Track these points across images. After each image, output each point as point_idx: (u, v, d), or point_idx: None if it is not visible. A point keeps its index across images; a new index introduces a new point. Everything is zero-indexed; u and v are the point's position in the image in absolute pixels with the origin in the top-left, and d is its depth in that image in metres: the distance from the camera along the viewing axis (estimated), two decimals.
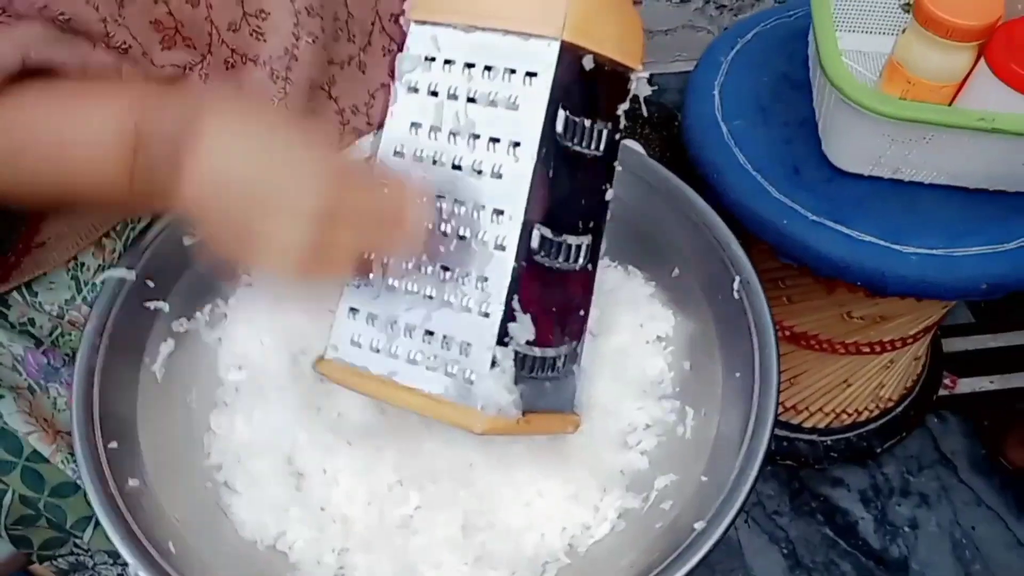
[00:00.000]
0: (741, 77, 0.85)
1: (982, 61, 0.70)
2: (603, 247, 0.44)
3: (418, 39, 0.42)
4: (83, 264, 0.55)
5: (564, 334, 0.43)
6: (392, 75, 0.43)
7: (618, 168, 0.44)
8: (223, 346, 0.52)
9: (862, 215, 0.75)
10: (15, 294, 0.55)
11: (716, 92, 0.84)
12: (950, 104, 0.73)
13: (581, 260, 0.43)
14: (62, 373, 0.57)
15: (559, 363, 0.42)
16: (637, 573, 0.38)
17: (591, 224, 0.43)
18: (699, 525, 0.37)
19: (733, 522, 0.37)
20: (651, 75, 0.45)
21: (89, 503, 0.55)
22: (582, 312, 0.44)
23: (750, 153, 0.80)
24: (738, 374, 0.44)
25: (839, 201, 0.76)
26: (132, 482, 0.44)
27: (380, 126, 0.44)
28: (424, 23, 0.42)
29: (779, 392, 0.41)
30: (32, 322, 0.56)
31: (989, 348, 1.15)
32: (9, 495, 0.53)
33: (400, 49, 0.43)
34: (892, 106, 0.69)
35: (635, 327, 0.49)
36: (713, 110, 0.83)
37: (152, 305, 0.51)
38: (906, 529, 1.02)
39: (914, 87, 0.73)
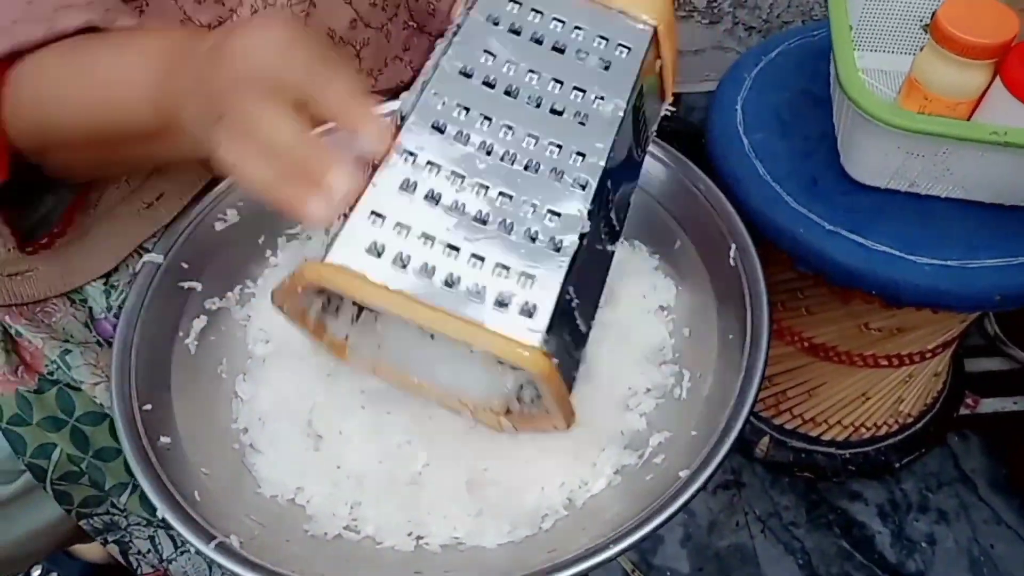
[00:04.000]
0: (763, 93, 0.88)
1: (998, 79, 0.72)
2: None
3: None
4: (115, 285, 0.60)
5: (591, 315, 0.41)
6: (406, 50, 0.45)
7: None
8: (251, 322, 0.56)
9: (878, 226, 0.77)
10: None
11: (739, 107, 0.87)
12: (968, 120, 0.75)
13: (616, 237, 0.43)
14: None
15: (585, 341, 0.40)
16: (627, 519, 0.40)
17: (628, 205, 0.44)
18: (684, 473, 0.40)
19: (716, 470, 0.40)
20: (680, 93, 0.49)
21: (128, 470, 0.60)
22: (598, 298, 0.43)
23: (770, 165, 0.82)
24: (731, 336, 0.46)
25: (856, 212, 0.78)
26: (164, 439, 0.48)
27: (387, 93, 0.44)
28: None
29: (768, 351, 0.43)
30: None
31: (1012, 369, 1.14)
32: (57, 452, 0.57)
33: (418, 27, 0.45)
34: (907, 119, 0.71)
35: (639, 298, 0.51)
36: (735, 123, 0.85)
37: (186, 285, 0.55)
38: (923, 545, 1.02)
39: (931, 103, 0.75)
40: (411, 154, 0.38)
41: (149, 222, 0.59)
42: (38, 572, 0.99)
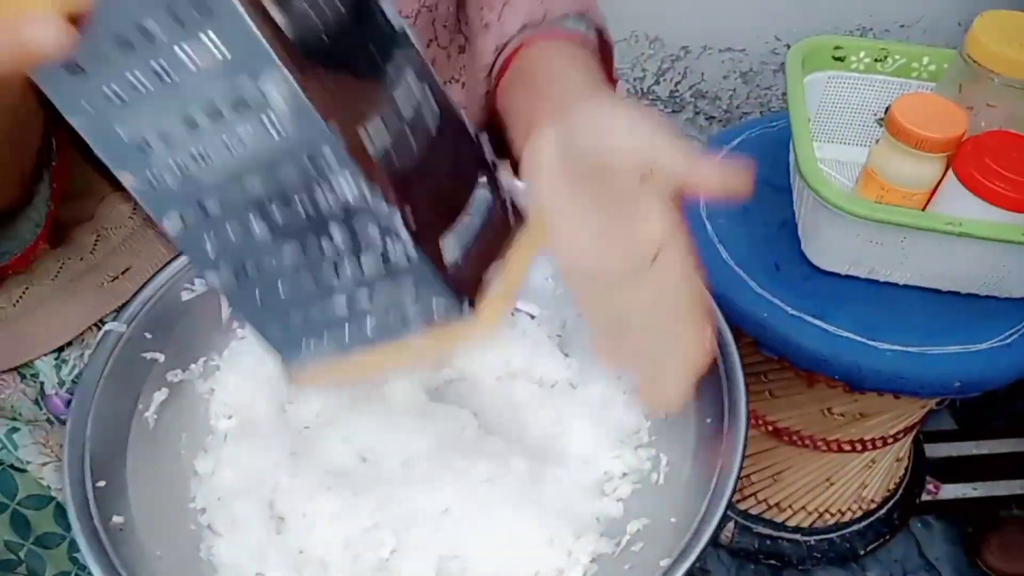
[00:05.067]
0: None
1: (951, 172, 0.75)
2: None
3: None
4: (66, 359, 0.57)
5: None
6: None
7: None
8: (215, 396, 0.54)
9: (840, 311, 0.79)
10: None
11: None
12: (923, 209, 0.78)
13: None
14: None
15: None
16: None
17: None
18: (664, 563, 0.39)
19: (697, 560, 0.38)
20: None
21: (71, 557, 0.56)
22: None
23: (733, 250, 0.84)
24: (709, 420, 0.46)
25: (818, 297, 0.80)
26: (116, 519, 0.45)
27: None
28: None
29: (747, 437, 0.43)
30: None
31: (972, 455, 1.16)
32: None
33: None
34: (866, 208, 0.74)
35: (614, 379, 0.51)
36: (699, 208, 0.87)
37: (148, 355, 0.53)
38: None
39: (888, 193, 0.78)
40: None
41: (112, 296, 0.58)
42: None
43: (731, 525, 1.05)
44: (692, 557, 0.38)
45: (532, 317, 0.56)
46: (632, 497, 0.47)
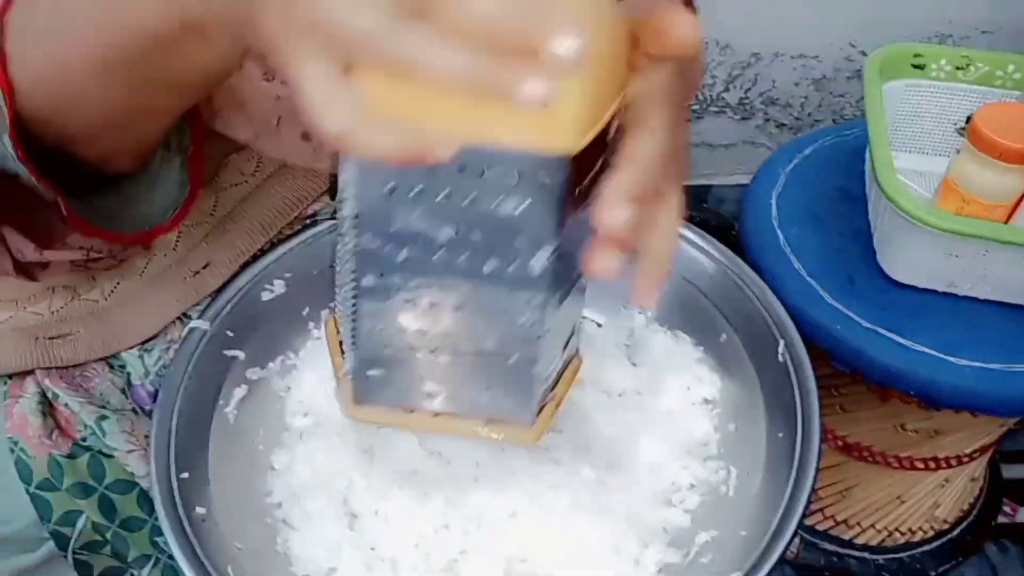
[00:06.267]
0: (798, 189, 0.89)
1: None
2: None
3: None
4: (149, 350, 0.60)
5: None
6: None
7: None
8: (291, 394, 0.56)
9: (916, 325, 0.77)
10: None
11: (773, 201, 0.88)
12: (1006, 222, 0.75)
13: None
14: None
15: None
16: None
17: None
18: (736, 575, 0.39)
19: (769, 574, 0.38)
20: (711, 186, 0.49)
21: (152, 541, 0.58)
22: None
23: (806, 261, 0.83)
24: (781, 434, 0.46)
25: (893, 311, 0.78)
26: (199, 510, 0.47)
27: None
28: None
29: (821, 452, 0.42)
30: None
31: None
32: (83, 520, 0.56)
33: None
34: (946, 220, 0.72)
35: (683, 389, 0.51)
36: (771, 218, 0.86)
37: (230, 353, 0.55)
38: None
39: (969, 205, 0.76)
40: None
41: (195, 290, 0.60)
42: None
43: (797, 541, 1.03)
44: (763, 572, 0.38)
45: (599, 325, 0.57)
46: (700, 508, 0.47)
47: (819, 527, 1.03)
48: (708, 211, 1.38)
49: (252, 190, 0.60)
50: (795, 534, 0.39)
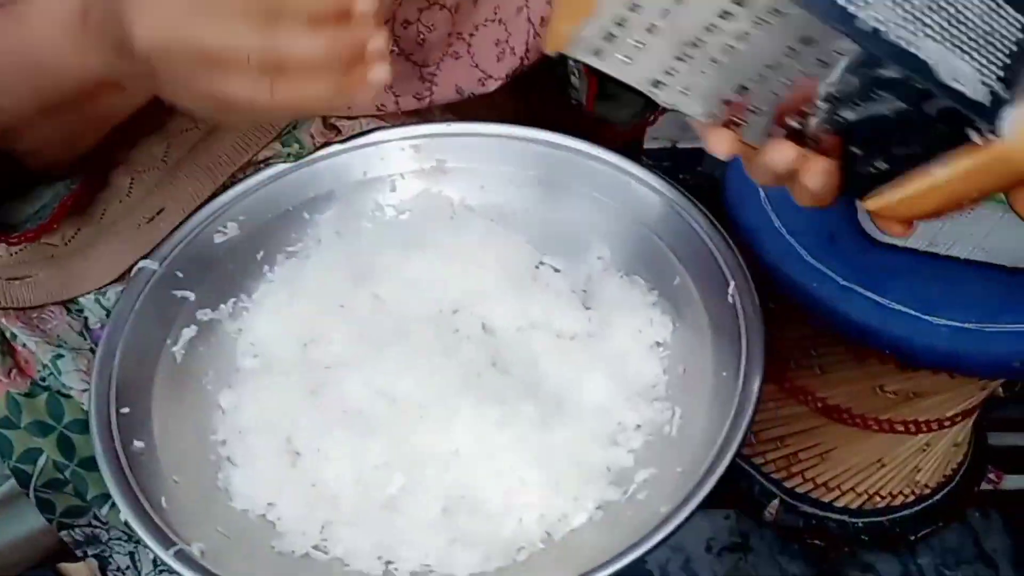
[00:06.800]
0: None
1: None
2: None
3: None
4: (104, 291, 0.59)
5: None
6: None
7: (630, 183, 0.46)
8: (242, 336, 0.55)
9: (895, 284, 0.75)
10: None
11: None
12: None
13: None
14: None
15: None
16: (604, 556, 0.39)
17: None
18: (664, 509, 0.38)
19: (696, 509, 0.38)
20: (699, 148, 0.48)
21: None
22: None
23: (786, 218, 0.81)
24: (725, 373, 0.45)
25: (872, 270, 0.76)
26: (138, 443, 0.47)
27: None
28: None
29: (762, 389, 0.42)
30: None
31: None
32: (43, 458, 0.56)
33: (404, 55, 0.46)
34: None
35: (635, 332, 0.50)
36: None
37: (179, 294, 0.55)
38: None
39: None
40: None
41: (148, 236, 0.59)
42: None
43: (776, 502, 1.03)
44: (692, 505, 0.38)
45: (557, 271, 0.56)
46: (644, 448, 0.47)
47: (799, 489, 1.02)
48: (701, 175, 1.37)
49: (203, 136, 0.60)
50: (726, 469, 0.39)
